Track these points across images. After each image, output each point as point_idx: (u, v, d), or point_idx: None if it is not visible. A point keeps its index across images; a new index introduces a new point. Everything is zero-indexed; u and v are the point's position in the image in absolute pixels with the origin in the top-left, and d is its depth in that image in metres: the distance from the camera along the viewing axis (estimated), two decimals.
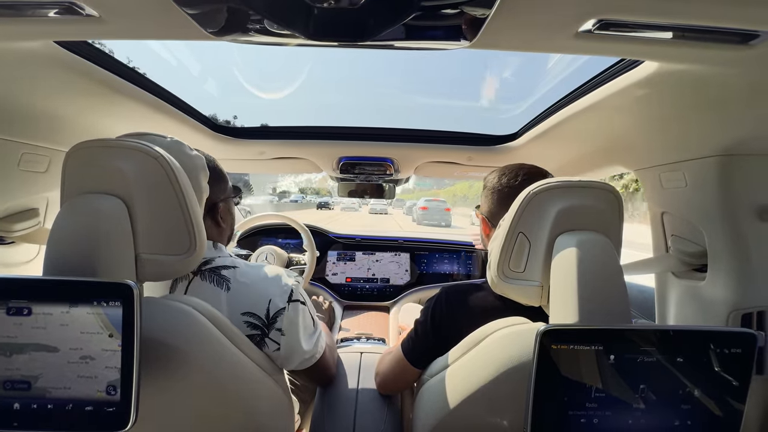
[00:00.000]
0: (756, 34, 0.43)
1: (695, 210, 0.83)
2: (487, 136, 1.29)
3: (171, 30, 0.51)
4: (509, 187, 0.77)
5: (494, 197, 0.79)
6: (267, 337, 0.66)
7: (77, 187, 0.51)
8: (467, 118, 33.25)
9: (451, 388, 0.63)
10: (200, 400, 0.54)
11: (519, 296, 0.61)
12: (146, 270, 0.53)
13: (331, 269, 1.86)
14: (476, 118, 31.99)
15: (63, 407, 0.43)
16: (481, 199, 0.85)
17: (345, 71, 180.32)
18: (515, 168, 0.80)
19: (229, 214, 0.81)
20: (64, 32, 0.53)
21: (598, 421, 0.46)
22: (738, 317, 0.76)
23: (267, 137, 1.28)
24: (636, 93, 0.68)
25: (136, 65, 23.43)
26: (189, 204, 0.55)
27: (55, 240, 0.48)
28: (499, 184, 0.79)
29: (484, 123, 30.94)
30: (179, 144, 0.66)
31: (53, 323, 0.42)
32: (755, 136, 0.68)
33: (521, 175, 0.77)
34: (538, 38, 0.50)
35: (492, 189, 0.80)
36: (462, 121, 32.20)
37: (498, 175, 0.81)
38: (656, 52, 0.53)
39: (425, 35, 0.50)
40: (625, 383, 0.46)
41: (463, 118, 32.72)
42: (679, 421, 0.47)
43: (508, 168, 0.81)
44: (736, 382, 0.47)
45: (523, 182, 0.75)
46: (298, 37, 0.48)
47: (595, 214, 0.55)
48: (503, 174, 0.80)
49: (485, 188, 0.83)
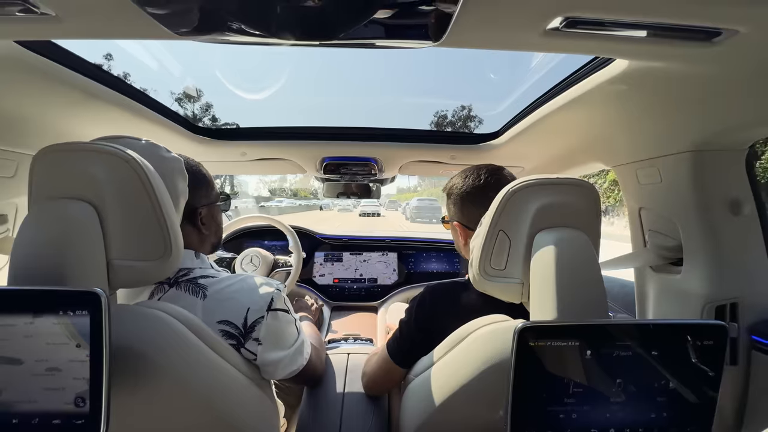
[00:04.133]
0: (719, 31, 0.45)
1: (670, 205, 0.85)
2: (469, 135, 1.30)
3: (131, 29, 0.49)
4: (475, 187, 0.77)
5: (464, 200, 0.79)
6: (243, 347, 0.63)
7: (45, 192, 0.50)
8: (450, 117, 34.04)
9: (436, 386, 0.63)
10: (178, 408, 0.52)
11: (500, 294, 0.61)
12: (119, 277, 0.51)
13: (318, 270, 1.85)
14: (459, 117, 32.69)
15: (29, 422, 0.41)
16: (449, 208, 0.84)
17: (327, 72, 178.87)
18: (474, 169, 0.81)
19: (212, 221, 0.78)
20: (21, 32, 0.51)
21: (576, 416, 0.47)
22: (712, 309, 0.78)
23: (248, 138, 1.26)
24: (610, 90, 0.69)
25: (112, 66, 22.78)
26: (163, 207, 0.53)
27: (21, 247, 0.46)
28: (465, 186, 0.79)
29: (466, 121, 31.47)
30: (154, 146, 0.64)
31: (16, 335, 0.40)
32: (723, 131, 0.70)
33: (483, 173, 0.78)
34: (506, 36, 0.51)
35: (459, 194, 0.80)
36: (445, 120, 32.64)
37: (461, 178, 0.81)
38: (625, 50, 0.54)
39: (392, 34, 0.50)
40: (602, 377, 0.47)
41: (446, 116, 33.38)
42: (656, 414, 0.48)
43: (468, 169, 0.81)
44: (710, 373, 0.48)
45: (487, 179, 0.76)
46: (260, 36, 0.47)
47: (573, 210, 0.56)
48: (466, 177, 0.80)
49: (450, 196, 0.83)
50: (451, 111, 32.40)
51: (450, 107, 30.67)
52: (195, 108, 26.56)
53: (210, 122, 26.28)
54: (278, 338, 0.68)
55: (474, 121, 31.66)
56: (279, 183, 76.53)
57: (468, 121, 31.41)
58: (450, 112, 32.44)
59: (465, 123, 31.14)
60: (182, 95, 26.10)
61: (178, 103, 25.78)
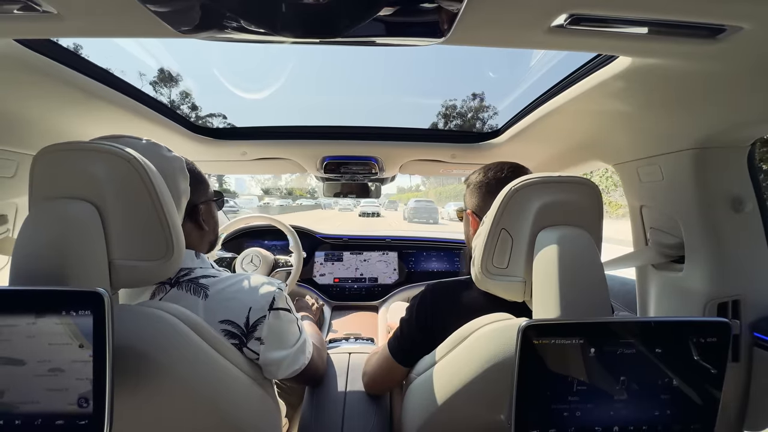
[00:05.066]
0: (723, 28, 0.44)
1: (671, 202, 0.85)
2: (470, 134, 1.30)
3: (133, 27, 0.49)
4: (497, 180, 0.77)
5: (482, 191, 0.79)
6: (245, 346, 0.63)
7: (45, 192, 0.49)
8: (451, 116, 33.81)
9: (438, 385, 0.63)
10: (180, 408, 0.52)
11: (503, 292, 0.61)
12: (121, 277, 0.51)
13: (318, 270, 1.85)
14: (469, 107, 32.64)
15: (32, 422, 0.41)
16: (466, 197, 0.84)
17: (328, 71, 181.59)
18: (500, 163, 0.80)
19: (211, 217, 0.78)
20: (22, 30, 0.51)
21: (580, 413, 0.47)
22: (714, 307, 0.78)
23: (249, 138, 1.26)
24: (612, 88, 0.69)
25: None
26: (165, 207, 0.53)
27: (22, 248, 0.46)
28: (486, 178, 0.78)
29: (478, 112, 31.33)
30: (155, 146, 0.64)
31: (19, 335, 0.40)
32: (725, 128, 0.70)
33: (506, 169, 0.78)
34: (511, 33, 0.50)
35: (479, 184, 0.80)
36: (446, 119, 32.52)
37: (483, 170, 0.81)
38: (628, 47, 0.54)
39: (397, 31, 0.49)
40: (606, 375, 0.47)
41: (447, 115, 33.15)
42: (659, 411, 0.48)
43: (493, 164, 0.81)
44: (713, 370, 0.48)
45: (509, 175, 0.75)
46: (266, 34, 0.47)
47: (575, 208, 0.56)
48: (489, 169, 0.80)
49: (470, 186, 0.83)
50: (459, 101, 31.34)
51: (459, 97, 30.01)
52: (172, 94, 26.36)
53: (189, 110, 25.89)
54: (280, 337, 0.68)
55: (488, 111, 30.68)
56: (273, 182, 75.88)
57: (480, 112, 30.59)
58: (459, 102, 31.34)
59: (476, 114, 30.40)
60: (156, 79, 25.93)
61: (153, 87, 25.46)
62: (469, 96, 30.48)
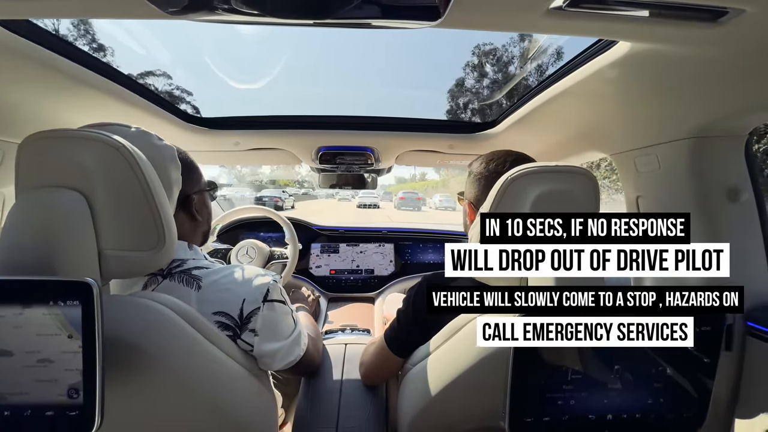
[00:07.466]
0: (725, 10, 0.43)
1: (668, 192, 0.84)
2: (467, 123, 1.29)
3: (122, 8, 0.47)
4: (497, 173, 0.76)
5: (481, 183, 0.78)
6: (239, 338, 0.63)
7: (32, 181, 0.48)
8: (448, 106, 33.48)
9: (433, 375, 0.63)
10: (173, 399, 0.52)
11: (498, 282, 0.61)
12: (111, 267, 0.50)
13: (314, 262, 1.85)
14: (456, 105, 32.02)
15: (21, 414, 0.40)
16: (466, 186, 0.83)
17: (324, 60, 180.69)
18: (503, 154, 0.79)
19: (204, 207, 0.77)
20: (5, 10, 0.49)
21: (574, 402, 0.47)
22: None
23: (242, 127, 1.24)
24: (609, 75, 0.68)
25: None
26: (156, 196, 0.52)
27: (8, 237, 0.45)
28: (487, 170, 0.77)
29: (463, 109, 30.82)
30: (145, 134, 0.62)
31: (5, 325, 0.39)
32: (723, 117, 0.70)
33: (509, 162, 0.76)
34: (508, 16, 0.49)
35: (479, 175, 0.78)
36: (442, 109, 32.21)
37: (485, 160, 0.79)
38: (628, 31, 0.53)
39: (389, 13, 0.48)
40: (600, 364, 0.47)
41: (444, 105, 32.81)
42: (652, 399, 0.48)
43: (495, 154, 0.79)
44: (706, 359, 0.48)
45: (510, 168, 0.75)
46: (257, 15, 0.45)
47: (572, 198, 0.56)
48: (491, 160, 0.78)
49: (470, 175, 0.82)
50: (449, 99, 31.29)
51: (449, 96, 29.35)
52: (163, 83, 25.72)
53: (179, 99, 25.20)
54: (275, 329, 0.67)
55: (471, 109, 30.52)
56: (251, 170, 71.83)
57: (465, 109, 30.39)
58: (448, 99, 31.28)
59: (474, 104, 30.01)
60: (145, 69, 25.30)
61: (142, 76, 24.54)
62: (470, 84, 30.04)
